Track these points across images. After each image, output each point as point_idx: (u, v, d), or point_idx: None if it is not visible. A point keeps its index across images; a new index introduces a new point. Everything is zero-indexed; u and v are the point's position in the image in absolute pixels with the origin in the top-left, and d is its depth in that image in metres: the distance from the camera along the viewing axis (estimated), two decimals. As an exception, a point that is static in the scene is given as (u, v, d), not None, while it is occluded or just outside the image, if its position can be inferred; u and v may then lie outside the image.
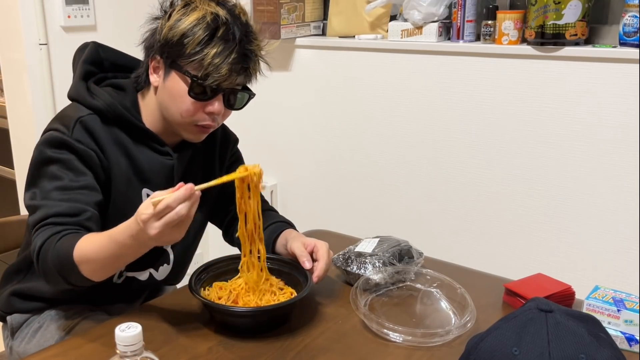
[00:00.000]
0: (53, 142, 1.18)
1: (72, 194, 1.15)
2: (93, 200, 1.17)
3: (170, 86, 1.20)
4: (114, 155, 1.22)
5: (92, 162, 1.19)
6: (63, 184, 1.15)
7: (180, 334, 1.12)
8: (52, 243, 1.09)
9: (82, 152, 1.17)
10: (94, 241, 1.07)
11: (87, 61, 1.29)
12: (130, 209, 1.22)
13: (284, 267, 1.27)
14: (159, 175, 1.27)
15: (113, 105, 1.22)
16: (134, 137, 1.25)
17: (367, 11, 2.27)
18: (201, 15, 1.16)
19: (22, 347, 1.33)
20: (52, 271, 1.10)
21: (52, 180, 1.16)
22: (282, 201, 2.67)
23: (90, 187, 1.18)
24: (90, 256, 1.06)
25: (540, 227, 2.04)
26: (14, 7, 2.19)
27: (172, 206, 0.96)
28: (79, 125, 1.19)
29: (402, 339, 1.10)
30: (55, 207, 1.13)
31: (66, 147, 1.17)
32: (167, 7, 1.22)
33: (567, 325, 0.80)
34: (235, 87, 1.21)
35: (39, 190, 1.16)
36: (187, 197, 0.98)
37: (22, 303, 1.35)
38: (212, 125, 1.24)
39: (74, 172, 1.17)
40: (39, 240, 1.11)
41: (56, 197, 1.14)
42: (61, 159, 1.17)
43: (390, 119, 2.28)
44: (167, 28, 1.17)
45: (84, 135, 1.19)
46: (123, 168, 1.23)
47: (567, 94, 1.90)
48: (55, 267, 1.09)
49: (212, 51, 1.14)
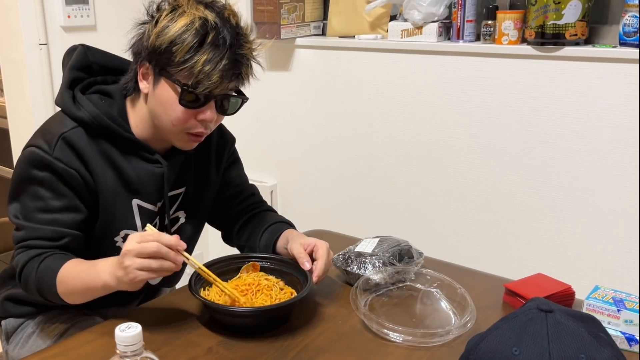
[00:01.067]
0: (34, 162, 1.17)
1: (53, 215, 1.18)
2: (74, 220, 1.20)
3: (160, 94, 1.17)
4: (100, 169, 1.21)
5: (73, 182, 1.18)
6: (44, 205, 1.18)
7: (180, 334, 1.12)
8: (34, 266, 1.16)
9: (63, 173, 1.17)
10: (76, 265, 1.16)
11: (74, 67, 1.26)
12: (120, 221, 1.24)
13: (284, 267, 1.27)
14: (148, 185, 1.26)
15: (99, 117, 1.19)
16: (121, 147, 1.23)
17: (367, 11, 2.27)
18: (189, 21, 1.12)
19: (17, 352, 1.33)
20: (33, 290, 1.18)
21: (34, 199, 1.18)
22: (282, 201, 2.67)
23: (71, 208, 1.19)
24: (68, 279, 1.14)
25: (540, 227, 2.04)
26: (14, 7, 2.19)
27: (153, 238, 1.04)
28: (61, 142, 1.17)
29: (402, 339, 1.10)
30: (37, 231, 1.18)
31: (46, 167, 1.17)
32: (154, 12, 1.18)
33: (567, 325, 0.80)
34: (228, 92, 1.19)
35: (20, 208, 1.19)
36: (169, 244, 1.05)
37: (15, 308, 1.35)
38: (205, 132, 1.22)
39: (54, 193, 1.18)
40: (21, 261, 1.17)
41: (38, 220, 1.18)
42: (42, 180, 1.17)
43: (390, 118, 2.28)
44: (155, 35, 1.14)
45: (66, 153, 1.17)
46: (110, 181, 1.22)
47: (567, 94, 1.90)
48: (37, 290, 1.17)
49: (202, 58, 1.11)
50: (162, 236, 1.04)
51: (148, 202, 1.27)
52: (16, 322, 1.36)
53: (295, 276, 1.24)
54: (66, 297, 1.16)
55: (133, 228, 1.26)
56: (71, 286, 1.14)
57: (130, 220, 1.25)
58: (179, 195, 1.34)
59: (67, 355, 1.07)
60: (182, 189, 1.34)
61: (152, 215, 1.29)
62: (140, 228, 1.27)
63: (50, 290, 1.15)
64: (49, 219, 1.17)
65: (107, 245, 1.25)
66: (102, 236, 1.24)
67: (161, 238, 1.04)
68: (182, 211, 1.36)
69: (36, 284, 1.16)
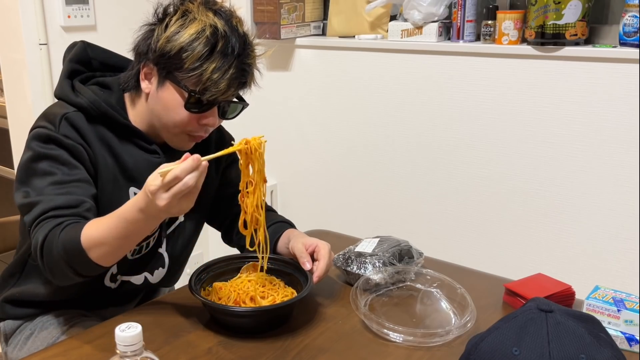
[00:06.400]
0: (41, 138, 1.16)
1: (67, 188, 1.14)
2: (89, 193, 1.17)
3: (164, 97, 1.18)
4: (100, 152, 1.21)
5: (81, 157, 1.18)
6: (57, 179, 1.14)
7: (180, 334, 1.12)
8: (55, 234, 1.08)
9: (71, 147, 1.16)
10: (101, 224, 1.06)
11: (73, 60, 1.27)
12: (116, 208, 1.21)
13: (284, 267, 1.27)
14: (145, 174, 1.24)
15: (97, 103, 1.20)
16: (120, 134, 1.23)
17: (367, 11, 2.27)
18: (200, 28, 1.13)
19: (16, 353, 1.33)
20: (59, 263, 1.08)
21: (45, 176, 1.14)
22: (282, 201, 2.67)
23: (85, 180, 1.17)
24: (99, 239, 1.05)
25: (540, 227, 2.04)
26: (13, 7, 2.19)
27: (180, 177, 0.98)
28: (64, 122, 1.18)
29: (402, 339, 1.10)
30: (52, 201, 1.12)
31: (54, 142, 1.16)
32: (161, 13, 1.19)
33: (568, 325, 0.80)
34: (230, 98, 1.20)
35: (31, 189, 1.14)
36: (194, 168, 0.98)
37: (14, 309, 1.34)
38: (204, 136, 1.25)
39: (66, 166, 1.15)
40: (41, 234, 1.09)
41: (52, 192, 1.13)
42: (51, 155, 1.15)
43: (390, 118, 2.28)
44: (164, 39, 1.14)
45: (71, 131, 1.18)
46: (109, 166, 1.22)
47: (567, 94, 1.90)
48: (62, 257, 1.07)
49: (210, 66, 1.13)
50: (185, 169, 0.98)
51: None
52: (15, 323, 1.36)
53: (295, 276, 1.24)
54: (102, 260, 1.08)
55: None
56: (106, 246, 1.06)
57: None
58: None
59: (67, 355, 1.07)
60: None
61: None
62: None
63: (81, 258, 1.06)
64: (64, 191, 1.13)
65: None
66: None
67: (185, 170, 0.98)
68: None
69: (61, 250, 1.07)
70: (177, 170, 0.97)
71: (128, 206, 1.05)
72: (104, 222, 1.06)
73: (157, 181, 0.98)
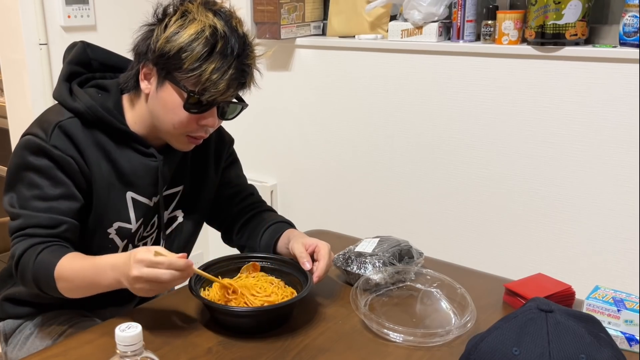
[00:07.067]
0: (31, 148, 1.17)
1: (50, 204, 1.17)
2: (71, 209, 1.18)
3: (163, 97, 1.18)
4: (95, 159, 1.21)
5: (70, 170, 1.18)
6: (41, 193, 1.17)
7: (180, 334, 1.12)
8: (31, 256, 1.14)
9: (60, 160, 1.17)
10: (76, 262, 1.13)
11: (72, 62, 1.27)
12: (113, 213, 1.23)
13: (284, 267, 1.27)
14: (142, 178, 1.26)
15: (93, 108, 1.20)
16: (116, 139, 1.23)
17: (367, 11, 2.27)
18: (200, 29, 1.13)
19: (15, 353, 1.33)
20: (30, 282, 1.15)
21: (31, 188, 1.17)
22: (282, 201, 2.67)
23: (68, 195, 1.18)
24: (68, 275, 1.12)
25: (540, 227, 2.04)
26: (13, 7, 2.19)
27: (165, 267, 1.02)
28: (57, 130, 1.18)
29: (402, 339, 1.10)
30: (33, 218, 1.16)
31: (44, 153, 1.16)
32: (161, 14, 1.19)
33: (568, 325, 0.80)
34: (230, 99, 1.20)
35: (17, 197, 1.18)
36: (180, 269, 1.03)
37: (14, 308, 1.35)
38: (204, 136, 1.24)
39: (51, 180, 1.17)
40: (18, 250, 1.15)
41: (35, 207, 1.16)
42: (39, 167, 1.17)
43: (390, 118, 2.28)
44: (164, 39, 1.14)
45: (63, 141, 1.18)
46: (104, 172, 1.22)
47: (567, 94, 1.90)
48: (33, 280, 1.14)
49: (210, 67, 1.12)
50: (173, 263, 1.03)
51: (143, 195, 1.27)
52: (15, 323, 1.36)
53: (295, 276, 1.24)
54: (65, 293, 1.15)
55: (127, 221, 1.26)
56: (71, 283, 1.13)
57: (124, 213, 1.25)
58: (177, 194, 1.34)
59: (67, 355, 1.07)
60: (180, 188, 1.35)
61: (148, 210, 1.29)
62: (134, 221, 1.27)
63: (49, 284, 1.13)
64: (46, 207, 1.16)
65: (100, 237, 1.25)
66: (95, 228, 1.24)
67: (173, 265, 1.03)
68: (180, 210, 1.36)
69: (33, 277, 1.14)
70: (167, 260, 1.02)
71: (106, 257, 1.11)
72: (79, 262, 1.13)
73: (148, 254, 1.03)
